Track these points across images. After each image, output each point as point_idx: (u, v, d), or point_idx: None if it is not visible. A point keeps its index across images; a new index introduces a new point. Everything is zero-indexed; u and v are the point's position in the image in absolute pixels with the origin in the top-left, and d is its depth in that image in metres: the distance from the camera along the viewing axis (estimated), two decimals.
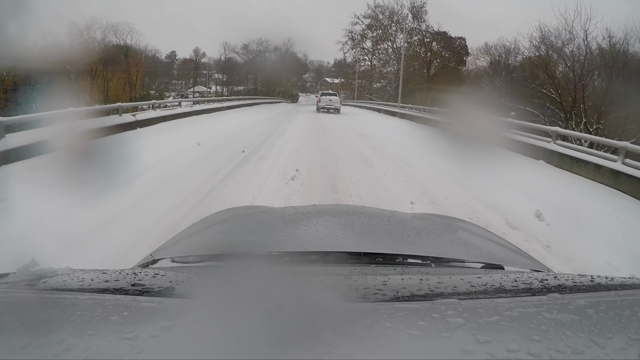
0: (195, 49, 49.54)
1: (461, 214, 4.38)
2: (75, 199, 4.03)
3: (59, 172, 2.60)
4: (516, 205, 5.30)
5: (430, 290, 0.68)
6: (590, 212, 5.27)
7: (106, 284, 0.71)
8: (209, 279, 0.79)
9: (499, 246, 1.52)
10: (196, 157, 7.79)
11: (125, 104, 14.18)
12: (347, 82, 51.85)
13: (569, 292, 0.70)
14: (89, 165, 2.17)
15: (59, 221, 3.92)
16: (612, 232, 4.62)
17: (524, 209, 5.08)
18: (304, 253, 1.09)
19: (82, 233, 3.61)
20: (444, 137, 2.40)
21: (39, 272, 0.77)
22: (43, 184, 4.28)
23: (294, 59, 56.35)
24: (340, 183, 6.20)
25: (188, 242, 1.44)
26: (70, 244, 3.35)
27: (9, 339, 0.50)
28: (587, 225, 4.67)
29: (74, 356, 0.47)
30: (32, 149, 6.73)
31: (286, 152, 8.86)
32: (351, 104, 41.27)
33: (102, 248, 3.36)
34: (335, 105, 25.34)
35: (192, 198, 5.06)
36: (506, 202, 5.45)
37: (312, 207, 1.79)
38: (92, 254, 3.23)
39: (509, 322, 0.54)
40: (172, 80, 51.29)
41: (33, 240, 3.44)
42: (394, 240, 1.35)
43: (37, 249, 3.21)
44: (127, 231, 3.77)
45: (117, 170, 2.99)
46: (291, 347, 0.47)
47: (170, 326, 0.52)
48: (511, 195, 5.78)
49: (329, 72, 63.89)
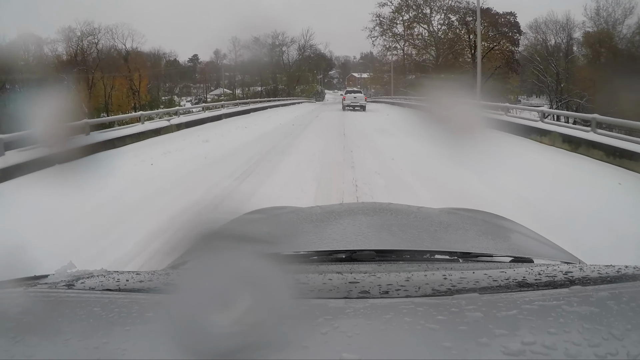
0: (216, 51, 47.55)
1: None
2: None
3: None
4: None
5: (452, 285, 0.72)
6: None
7: (141, 284, 0.77)
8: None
9: (529, 239, 1.52)
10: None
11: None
12: (377, 76, 46.03)
13: (592, 284, 0.72)
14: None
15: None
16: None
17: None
18: (331, 252, 1.15)
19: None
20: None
21: (76, 274, 0.83)
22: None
23: (315, 52, 52.01)
24: None
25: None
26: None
27: (53, 333, 0.57)
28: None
29: (113, 347, 0.54)
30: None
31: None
32: (384, 101, 36.31)
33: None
34: (360, 103, 26.63)
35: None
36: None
37: (339, 205, 2.03)
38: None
39: (527, 316, 0.57)
40: (196, 83, 50.44)
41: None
42: (421, 236, 1.41)
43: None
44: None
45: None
46: (310, 340, 0.51)
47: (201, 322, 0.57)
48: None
49: (356, 66, 59.94)
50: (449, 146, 1.36)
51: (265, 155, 9.76)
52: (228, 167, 8.24)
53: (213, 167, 8.38)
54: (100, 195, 5.37)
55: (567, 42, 30.31)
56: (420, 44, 41.68)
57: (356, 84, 53.58)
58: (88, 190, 4.80)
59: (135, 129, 13.51)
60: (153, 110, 20.66)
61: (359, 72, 57.90)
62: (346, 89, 33.80)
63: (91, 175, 3.38)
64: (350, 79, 60.80)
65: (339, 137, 13.14)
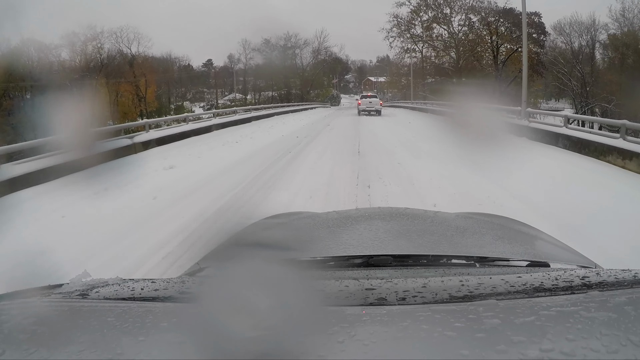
0: (230, 55, 46.41)
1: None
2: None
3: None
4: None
5: (469, 291, 0.73)
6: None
7: (155, 292, 0.78)
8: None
9: (546, 243, 1.55)
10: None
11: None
12: (394, 80, 45.00)
13: (609, 288, 0.73)
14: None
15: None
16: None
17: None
18: (347, 257, 1.16)
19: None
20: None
21: (91, 283, 0.85)
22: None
23: (330, 55, 50.12)
24: None
25: (233, 251, 1.38)
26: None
27: (66, 345, 0.58)
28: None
29: (126, 358, 0.55)
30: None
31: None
32: (403, 105, 35.01)
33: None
34: (375, 108, 26.88)
35: None
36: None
37: (355, 211, 2.07)
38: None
39: (545, 322, 0.58)
40: (210, 89, 50.03)
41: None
42: (437, 241, 1.42)
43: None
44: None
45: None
46: (327, 349, 0.52)
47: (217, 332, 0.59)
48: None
49: (372, 70, 59.30)
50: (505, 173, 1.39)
51: (232, 206, 5.88)
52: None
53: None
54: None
55: (592, 44, 29.34)
56: (440, 45, 40.43)
57: (372, 88, 53.07)
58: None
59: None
60: (153, 119, 19.62)
61: (375, 76, 57.16)
62: (362, 93, 32.93)
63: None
64: (366, 83, 60.34)
65: (352, 158, 9.65)
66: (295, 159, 9.70)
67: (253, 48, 46.06)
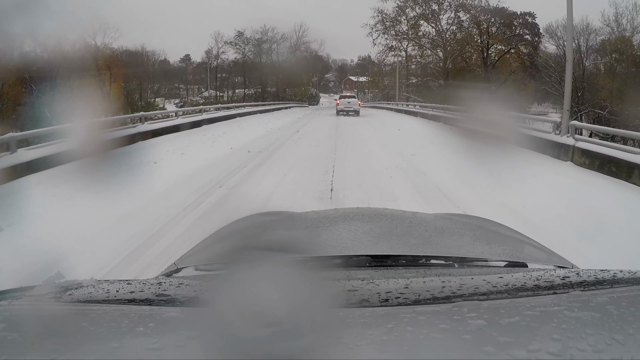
0: (207, 50, 43.65)
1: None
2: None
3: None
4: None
5: (452, 292, 0.74)
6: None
7: (131, 294, 0.78)
8: (232, 287, 0.83)
9: (523, 244, 1.58)
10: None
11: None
12: (375, 80, 42.99)
13: (590, 288, 0.75)
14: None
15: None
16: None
17: None
18: (326, 258, 1.18)
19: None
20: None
21: (65, 284, 0.83)
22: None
23: (309, 51, 47.11)
24: None
25: (211, 250, 1.54)
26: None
27: (37, 352, 0.57)
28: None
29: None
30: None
31: None
32: (386, 107, 34.66)
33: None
34: (354, 108, 27.25)
35: None
36: None
37: (334, 211, 1.98)
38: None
39: (530, 322, 0.59)
40: (188, 85, 47.89)
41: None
42: (416, 241, 1.45)
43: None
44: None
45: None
46: (312, 353, 0.52)
47: (196, 336, 0.58)
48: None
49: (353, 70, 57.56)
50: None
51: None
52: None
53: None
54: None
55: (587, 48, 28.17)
56: (427, 44, 38.78)
57: (353, 88, 51.54)
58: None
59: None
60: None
61: (356, 76, 55.50)
62: (341, 93, 33.11)
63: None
64: (347, 82, 58.92)
65: (322, 205, 5.75)
66: (212, 212, 5.54)
67: (226, 41, 44.02)
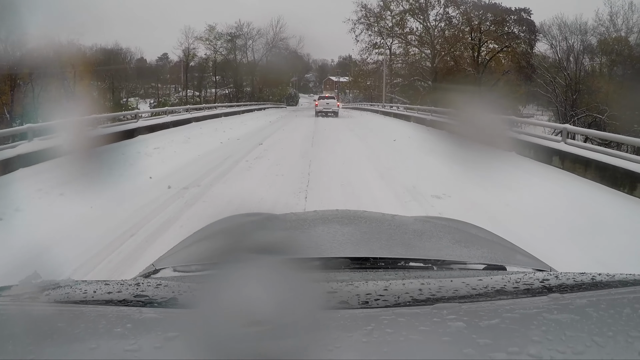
0: (185, 49, 42.12)
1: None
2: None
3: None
4: None
5: (431, 294, 0.77)
6: None
7: (109, 295, 0.79)
8: (211, 287, 0.84)
9: (501, 247, 1.62)
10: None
11: None
12: (357, 80, 40.91)
13: (569, 291, 0.77)
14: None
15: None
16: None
17: None
18: (305, 260, 1.18)
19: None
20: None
21: (42, 284, 0.83)
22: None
23: (287, 48, 44.88)
24: None
25: (190, 251, 1.55)
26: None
27: (12, 353, 0.57)
28: None
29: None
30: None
31: None
32: (370, 108, 32.89)
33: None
34: (333, 109, 27.52)
35: None
36: None
37: (313, 213, 2.04)
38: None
39: (510, 324, 0.61)
40: (166, 84, 46.14)
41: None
42: (395, 244, 1.48)
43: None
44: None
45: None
46: (292, 355, 0.52)
47: (174, 337, 0.59)
48: None
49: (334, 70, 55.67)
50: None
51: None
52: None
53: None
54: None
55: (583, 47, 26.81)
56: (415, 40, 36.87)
57: (333, 88, 49.68)
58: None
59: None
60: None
61: (337, 76, 53.61)
62: (320, 94, 32.92)
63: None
64: (327, 82, 57.22)
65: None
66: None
67: (196, 37, 41.67)
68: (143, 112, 19.27)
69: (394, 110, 27.29)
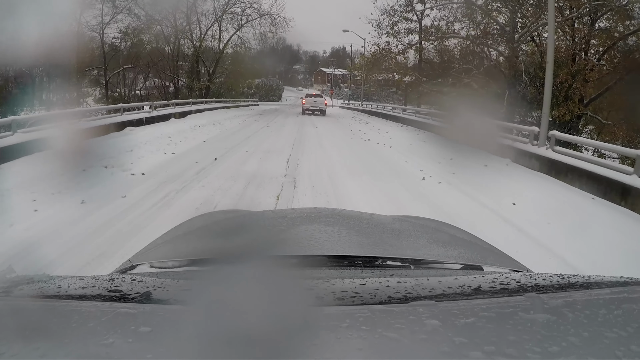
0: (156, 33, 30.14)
1: None
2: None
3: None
4: None
5: (407, 292, 0.78)
6: None
7: (83, 290, 0.80)
8: (187, 284, 0.88)
9: (479, 247, 1.65)
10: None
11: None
12: (375, 66, 29.52)
13: (545, 292, 0.79)
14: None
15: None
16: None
17: None
18: (282, 257, 1.20)
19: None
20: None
21: (15, 279, 0.84)
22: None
23: (266, 31, 32.13)
24: None
25: (167, 248, 1.58)
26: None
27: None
28: None
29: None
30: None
31: None
32: (391, 113, 25.70)
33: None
34: (320, 107, 27.57)
35: None
36: None
37: (291, 210, 2.15)
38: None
39: (486, 323, 0.62)
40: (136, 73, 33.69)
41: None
42: (373, 242, 1.50)
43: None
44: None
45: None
46: (267, 352, 0.53)
47: (148, 332, 0.60)
48: None
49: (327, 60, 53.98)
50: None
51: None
52: None
53: None
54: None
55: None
56: None
57: (326, 81, 48.66)
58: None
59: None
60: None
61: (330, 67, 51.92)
62: (310, 87, 34.60)
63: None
64: (318, 74, 55.33)
65: None
66: None
67: (147, 14, 28.33)
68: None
69: (430, 122, 15.60)
